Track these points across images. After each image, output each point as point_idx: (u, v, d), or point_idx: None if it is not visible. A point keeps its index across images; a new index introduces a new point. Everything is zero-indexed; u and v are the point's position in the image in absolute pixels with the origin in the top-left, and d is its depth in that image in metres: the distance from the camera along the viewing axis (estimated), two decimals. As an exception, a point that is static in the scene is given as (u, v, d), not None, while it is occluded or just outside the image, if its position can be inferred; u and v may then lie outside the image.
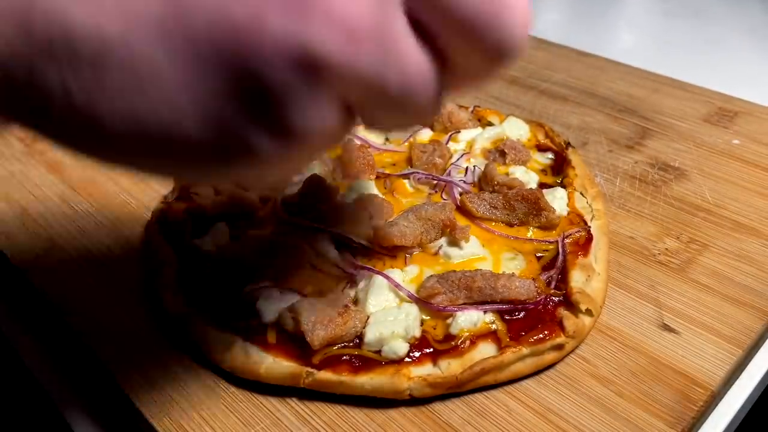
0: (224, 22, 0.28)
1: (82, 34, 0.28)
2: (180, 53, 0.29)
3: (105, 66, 0.29)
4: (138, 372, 0.56)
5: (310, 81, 0.29)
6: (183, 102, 0.30)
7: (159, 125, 0.30)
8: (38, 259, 0.68)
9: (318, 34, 0.28)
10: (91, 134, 0.31)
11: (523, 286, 0.57)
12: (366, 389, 0.52)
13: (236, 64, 0.29)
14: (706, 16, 1.36)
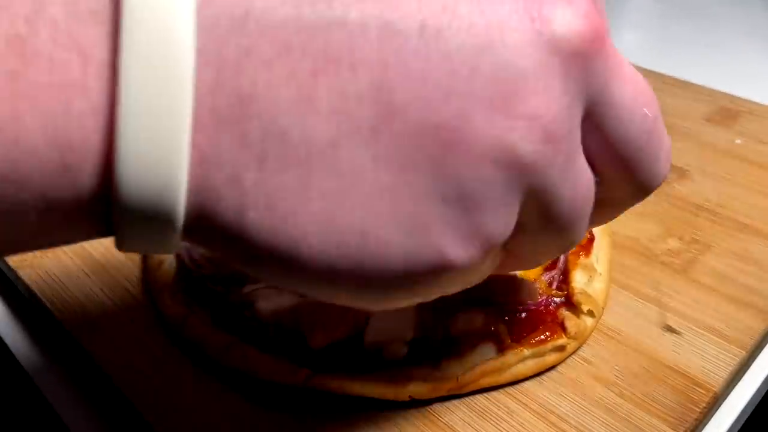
0: (430, 121, 0.28)
1: (296, 137, 0.28)
2: (383, 155, 0.29)
3: (312, 169, 0.29)
4: (136, 373, 0.56)
5: (507, 182, 0.30)
6: (383, 206, 0.30)
7: (354, 231, 0.30)
8: (34, 259, 0.68)
9: (521, 134, 0.29)
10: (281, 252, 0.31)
11: (525, 287, 0.56)
12: (366, 391, 0.52)
13: (438, 164, 0.29)
14: (708, 15, 1.35)
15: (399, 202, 0.30)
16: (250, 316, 0.57)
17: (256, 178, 0.29)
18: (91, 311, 0.62)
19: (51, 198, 0.28)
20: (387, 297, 0.34)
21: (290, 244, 0.31)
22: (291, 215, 0.30)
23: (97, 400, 0.59)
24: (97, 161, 0.27)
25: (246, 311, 0.57)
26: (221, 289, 0.59)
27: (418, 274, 0.32)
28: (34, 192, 0.27)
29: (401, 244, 0.31)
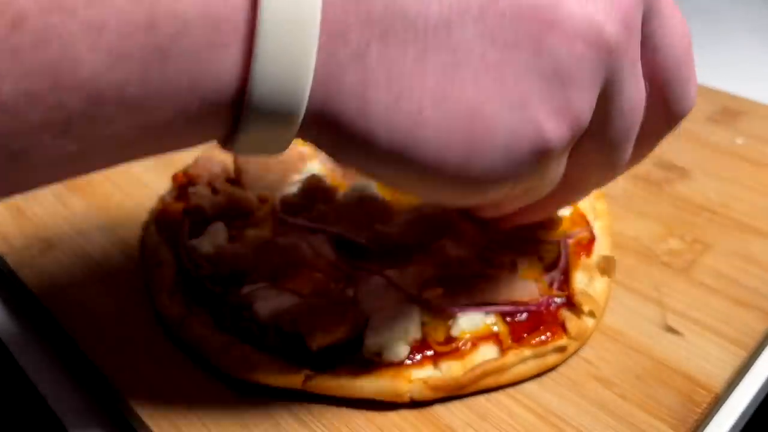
0: (530, 1, 0.33)
1: (414, 16, 0.32)
2: (489, 33, 0.33)
3: (428, 46, 0.33)
4: (135, 374, 0.56)
5: (594, 61, 0.35)
6: (489, 82, 0.34)
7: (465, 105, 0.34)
8: (34, 260, 0.67)
9: (606, 15, 0.34)
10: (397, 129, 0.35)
11: (526, 288, 0.56)
12: (366, 392, 0.52)
13: (537, 41, 0.34)
14: (710, 15, 1.35)
15: (503, 78, 0.34)
16: (249, 317, 0.57)
17: (379, 54, 0.32)
18: (90, 311, 0.62)
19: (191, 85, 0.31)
20: (487, 182, 0.38)
21: (408, 120, 0.34)
22: (408, 90, 0.33)
23: (96, 400, 0.59)
24: (240, 38, 0.30)
25: (245, 312, 0.57)
26: (220, 290, 0.59)
27: (519, 152, 0.36)
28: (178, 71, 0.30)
29: (505, 119, 0.35)
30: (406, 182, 0.39)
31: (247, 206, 0.67)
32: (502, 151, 0.36)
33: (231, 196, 0.67)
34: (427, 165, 0.36)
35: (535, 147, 0.37)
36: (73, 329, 0.60)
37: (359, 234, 0.63)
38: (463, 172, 0.37)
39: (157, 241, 0.66)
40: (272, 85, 0.32)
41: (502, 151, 0.36)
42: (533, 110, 0.36)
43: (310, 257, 0.62)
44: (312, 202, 0.66)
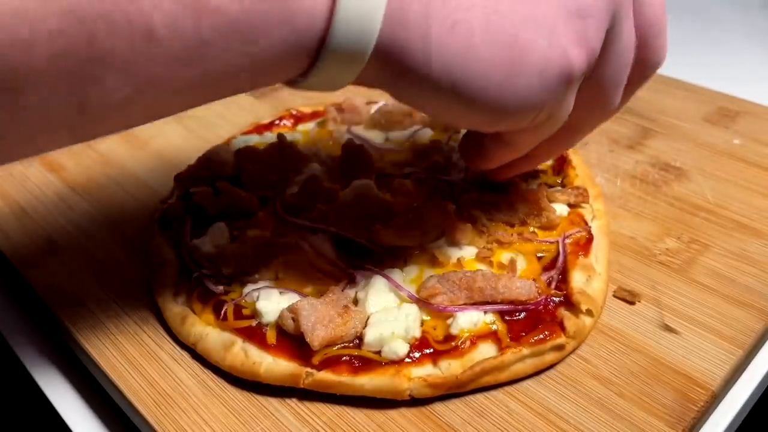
0: None
1: None
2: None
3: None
4: (137, 372, 0.56)
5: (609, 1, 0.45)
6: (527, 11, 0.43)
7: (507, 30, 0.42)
8: (37, 260, 0.68)
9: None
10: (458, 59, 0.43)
11: (524, 287, 0.56)
12: (366, 390, 0.52)
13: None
14: (706, 16, 1.35)
15: (538, 7, 0.43)
16: (251, 316, 0.57)
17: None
18: (93, 310, 0.62)
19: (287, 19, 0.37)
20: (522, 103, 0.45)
21: (461, 46, 0.42)
22: (460, 18, 0.41)
23: (97, 398, 0.60)
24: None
25: (246, 311, 0.57)
26: (221, 289, 0.60)
27: (550, 74, 0.44)
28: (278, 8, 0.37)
29: (539, 45, 0.43)
30: (453, 109, 0.46)
31: (248, 206, 0.68)
32: (536, 73, 0.44)
33: (232, 196, 0.68)
34: (476, 87, 0.44)
35: (562, 70, 0.44)
36: (76, 328, 0.60)
37: (359, 234, 0.63)
38: (505, 93, 0.44)
39: (159, 240, 0.66)
40: (351, 23, 0.39)
41: (536, 73, 0.44)
42: (561, 37, 0.43)
43: (311, 257, 0.62)
44: (312, 202, 0.66)
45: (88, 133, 0.40)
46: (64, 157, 0.85)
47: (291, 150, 0.74)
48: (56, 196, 0.78)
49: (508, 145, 0.55)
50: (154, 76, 0.36)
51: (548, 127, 0.51)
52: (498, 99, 0.44)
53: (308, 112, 0.87)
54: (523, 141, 0.54)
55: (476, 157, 0.60)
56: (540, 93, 0.45)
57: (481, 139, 0.58)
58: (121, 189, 0.79)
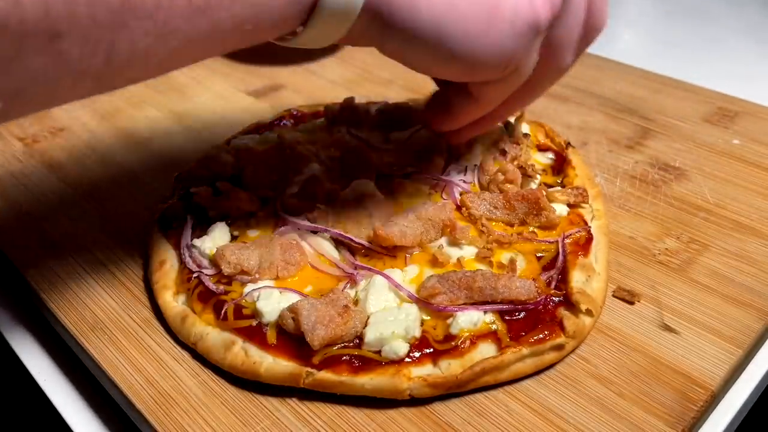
0: None
1: None
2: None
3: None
4: (138, 372, 0.56)
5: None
6: None
7: None
8: (37, 259, 0.68)
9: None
10: None
11: (524, 287, 0.57)
12: (366, 389, 0.52)
13: None
14: (706, 16, 1.36)
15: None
16: (251, 316, 0.57)
17: None
18: (93, 310, 0.62)
19: None
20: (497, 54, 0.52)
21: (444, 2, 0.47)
22: None
23: (98, 398, 0.60)
24: None
25: (246, 311, 0.58)
26: (222, 289, 0.60)
27: (520, 26, 0.51)
28: None
29: None
30: (435, 60, 0.52)
31: (248, 206, 0.68)
32: (508, 24, 0.51)
33: (232, 196, 0.68)
34: (458, 39, 0.50)
35: (529, 20, 0.51)
36: (77, 327, 0.60)
37: (359, 234, 0.63)
38: (482, 43, 0.50)
39: (159, 240, 0.66)
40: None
41: (508, 24, 0.51)
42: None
43: (311, 257, 0.63)
44: (312, 202, 0.66)
45: (111, 82, 0.44)
46: (64, 156, 0.85)
47: (291, 150, 0.74)
48: (57, 197, 0.78)
49: (477, 101, 0.60)
50: (174, 27, 0.41)
51: (515, 79, 0.57)
52: (476, 48, 0.51)
53: (308, 112, 0.87)
54: (492, 95, 0.59)
55: (444, 118, 0.64)
56: (511, 42, 0.52)
57: (450, 99, 0.62)
58: (121, 189, 0.79)
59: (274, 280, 0.60)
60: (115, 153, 0.86)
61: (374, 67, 1.05)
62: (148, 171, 0.82)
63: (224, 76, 1.05)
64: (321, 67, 1.06)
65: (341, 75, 1.04)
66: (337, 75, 1.04)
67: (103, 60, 0.39)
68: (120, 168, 0.83)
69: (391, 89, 1.00)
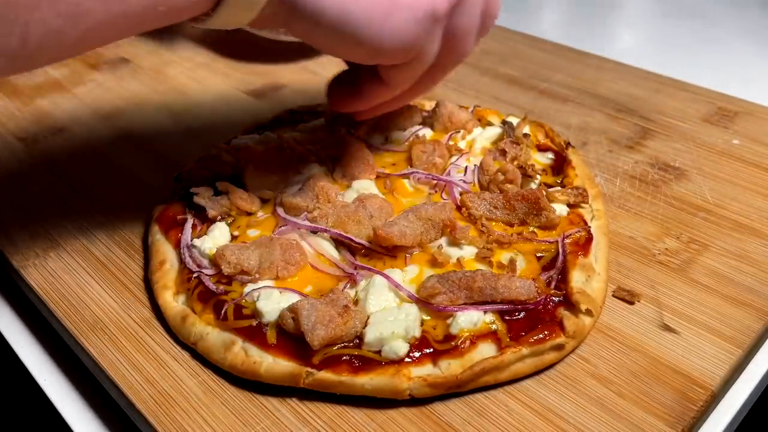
0: None
1: None
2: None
3: None
4: (138, 372, 0.56)
5: None
6: None
7: None
8: (38, 259, 0.68)
9: None
10: None
11: (524, 287, 0.57)
12: (366, 389, 0.52)
13: None
14: (705, 16, 1.36)
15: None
16: (251, 316, 0.57)
17: None
18: (93, 310, 0.62)
19: None
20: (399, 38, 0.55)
21: None
22: None
23: (97, 398, 0.60)
24: None
25: (246, 311, 0.58)
26: (222, 289, 0.60)
27: (418, 14, 0.54)
28: None
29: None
30: (342, 43, 0.55)
31: (248, 206, 0.68)
32: (408, 11, 0.54)
33: (233, 196, 0.68)
34: (361, 24, 0.53)
35: (428, 9, 0.55)
36: (76, 328, 0.60)
37: (359, 234, 0.63)
38: (384, 28, 0.54)
39: (159, 240, 0.66)
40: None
41: (408, 11, 0.54)
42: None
43: (311, 257, 0.63)
44: (312, 202, 0.66)
45: (25, 62, 0.45)
46: (64, 156, 0.85)
47: (291, 150, 0.74)
48: (57, 197, 0.78)
49: (385, 83, 0.63)
50: (86, 8, 0.43)
51: (419, 64, 0.60)
52: (379, 33, 0.54)
53: (308, 112, 0.87)
54: (399, 78, 0.62)
55: (352, 99, 0.67)
56: (412, 29, 0.55)
57: (360, 80, 0.64)
58: (121, 189, 0.79)
59: (274, 280, 0.60)
60: (115, 153, 0.86)
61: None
62: (148, 171, 0.82)
63: (224, 76, 1.05)
64: (321, 67, 1.06)
65: (341, 75, 1.03)
66: (337, 75, 1.04)
67: (18, 40, 0.42)
68: (120, 168, 0.83)
69: (391, 89, 1.00)
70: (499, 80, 1.01)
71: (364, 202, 0.66)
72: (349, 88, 0.66)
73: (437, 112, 0.80)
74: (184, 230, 0.66)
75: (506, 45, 1.12)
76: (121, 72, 1.06)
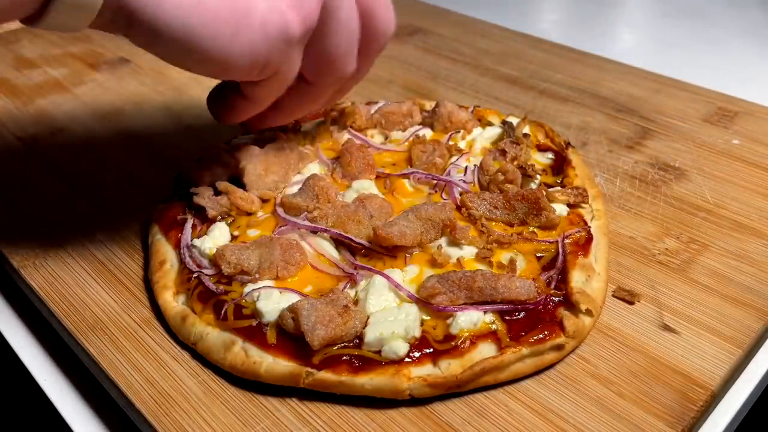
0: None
1: None
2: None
3: None
4: (138, 372, 0.56)
5: None
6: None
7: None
8: (38, 259, 0.68)
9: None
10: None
11: (524, 287, 0.57)
12: (366, 389, 0.52)
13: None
14: (705, 16, 1.36)
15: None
16: (251, 316, 0.57)
17: None
18: (93, 310, 0.62)
19: None
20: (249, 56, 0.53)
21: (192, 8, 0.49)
22: None
23: (98, 398, 0.60)
24: None
25: (246, 311, 0.58)
26: (222, 289, 0.60)
27: (271, 33, 0.53)
28: None
29: (260, 7, 0.52)
30: (186, 57, 0.53)
31: (248, 206, 0.68)
32: (259, 30, 0.52)
33: (233, 196, 0.68)
34: (206, 39, 0.51)
35: (281, 29, 0.53)
36: (77, 328, 0.60)
37: (359, 234, 0.63)
38: (232, 46, 0.52)
39: (159, 240, 0.66)
40: None
41: (259, 30, 0.52)
42: (279, 2, 0.53)
43: (311, 257, 0.63)
44: (312, 202, 0.66)
45: None
46: (64, 156, 0.85)
47: (291, 150, 0.74)
48: (57, 196, 0.78)
49: (247, 99, 0.62)
50: None
51: (278, 82, 0.59)
52: (226, 50, 0.52)
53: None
54: (259, 95, 0.61)
55: (222, 110, 0.66)
56: (262, 48, 0.53)
57: (226, 94, 0.63)
58: (121, 189, 0.79)
59: (274, 280, 0.60)
60: (115, 153, 0.86)
61: (374, 67, 1.05)
62: (148, 171, 0.82)
63: (224, 76, 1.05)
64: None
65: (341, 75, 1.03)
66: (337, 75, 1.04)
67: None
68: (120, 168, 0.83)
69: (391, 89, 1.00)
70: (499, 80, 1.01)
71: (364, 202, 0.66)
72: (220, 101, 0.65)
73: (437, 112, 0.81)
74: (184, 230, 0.66)
75: (506, 45, 1.12)
76: (121, 72, 1.06)
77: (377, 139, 0.79)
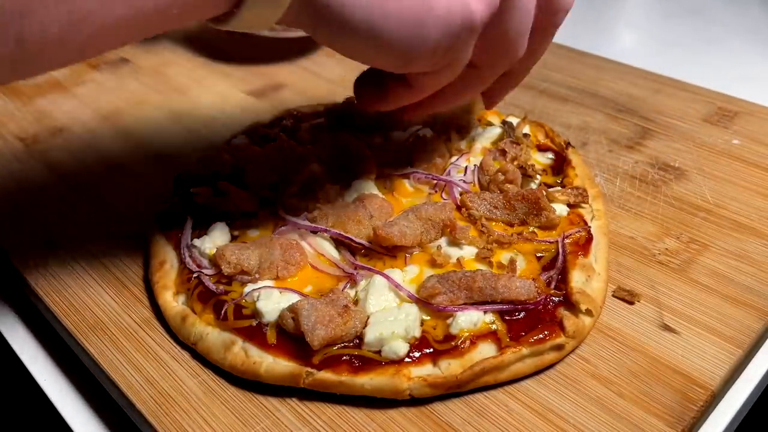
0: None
1: None
2: None
3: None
4: (138, 372, 0.56)
5: None
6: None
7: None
8: (37, 259, 0.68)
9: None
10: None
11: (524, 287, 0.57)
12: (366, 389, 0.52)
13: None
14: (706, 16, 1.36)
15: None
16: (251, 316, 0.57)
17: None
18: (93, 310, 0.62)
19: None
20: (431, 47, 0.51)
21: None
22: None
23: (98, 398, 0.60)
24: None
25: (246, 311, 0.58)
26: (222, 289, 0.60)
27: (453, 24, 0.51)
28: None
29: None
30: (367, 51, 0.53)
31: (248, 206, 0.68)
32: (442, 22, 0.51)
33: (233, 196, 0.68)
34: (391, 33, 0.50)
35: (464, 20, 0.51)
36: (76, 327, 0.60)
37: (359, 234, 0.63)
38: (415, 39, 0.50)
39: (159, 240, 0.66)
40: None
41: (442, 22, 0.51)
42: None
43: (311, 257, 0.63)
44: (312, 202, 0.66)
45: (29, 68, 0.44)
46: (64, 156, 0.85)
47: (291, 150, 0.74)
48: (57, 197, 0.78)
49: (411, 87, 0.60)
50: (86, 13, 0.40)
51: (449, 71, 0.57)
52: (409, 44, 0.51)
53: (308, 112, 0.87)
54: (426, 83, 0.59)
55: (376, 99, 0.63)
56: (445, 40, 0.52)
57: (383, 81, 0.61)
58: (121, 189, 0.79)
59: (274, 280, 0.60)
60: (115, 153, 0.86)
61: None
62: (148, 171, 0.82)
63: (224, 76, 1.05)
64: (321, 67, 1.06)
65: (341, 75, 1.03)
66: (337, 75, 1.04)
67: (15, 47, 0.39)
68: (120, 168, 0.83)
69: (391, 89, 1.00)
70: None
71: (364, 202, 0.66)
72: (374, 88, 0.63)
73: (437, 112, 0.80)
74: (184, 230, 0.66)
75: (506, 45, 1.12)
76: (121, 72, 1.06)
77: (377, 140, 0.79)
